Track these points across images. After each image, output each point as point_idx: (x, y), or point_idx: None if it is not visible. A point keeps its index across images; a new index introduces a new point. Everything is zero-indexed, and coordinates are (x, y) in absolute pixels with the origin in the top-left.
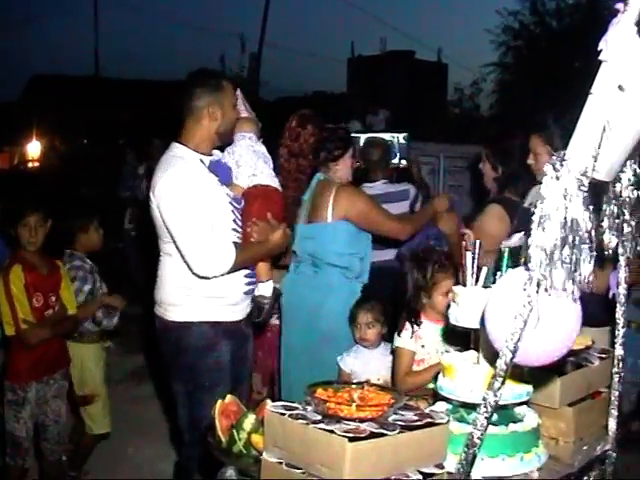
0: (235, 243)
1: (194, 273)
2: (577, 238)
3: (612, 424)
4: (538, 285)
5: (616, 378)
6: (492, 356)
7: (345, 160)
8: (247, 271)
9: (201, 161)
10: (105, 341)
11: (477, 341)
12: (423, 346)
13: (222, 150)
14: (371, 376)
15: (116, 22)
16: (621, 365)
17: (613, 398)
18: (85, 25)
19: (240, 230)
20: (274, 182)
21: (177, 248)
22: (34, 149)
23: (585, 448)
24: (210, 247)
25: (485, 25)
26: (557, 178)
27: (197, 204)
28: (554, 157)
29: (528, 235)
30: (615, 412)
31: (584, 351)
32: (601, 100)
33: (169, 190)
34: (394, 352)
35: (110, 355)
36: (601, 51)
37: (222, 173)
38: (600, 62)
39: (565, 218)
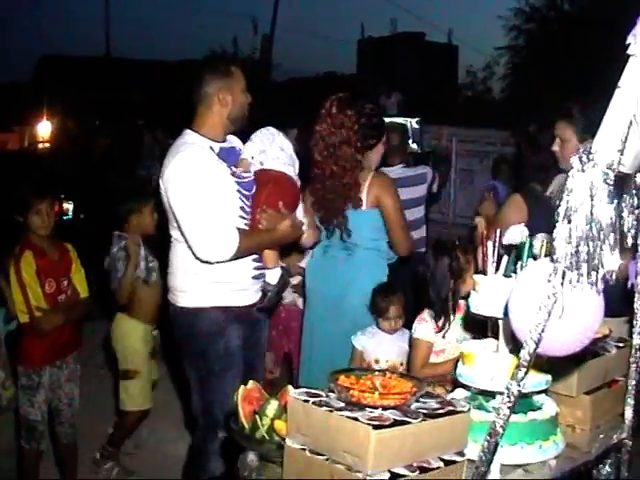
0: (240, 229)
1: (197, 258)
2: (602, 231)
3: (628, 413)
4: (563, 277)
5: (633, 367)
6: (513, 345)
7: (378, 148)
8: (255, 256)
9: (211, 148)
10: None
11: (497, 329)
12: (444, 336)
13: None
14: (380, 358)
15: (128, 2)
16: (638, 354)
17: (630, 387)
18: (96, 5)
19: (248, 217)
20: (289, 170)
21: (182, 233)
22: (44, 129)
23: (602, 436)
24: (213, 232)
25: (497, 6)
26: (583, 171)
27: (202, 190)
28: (580, 150)
29: (550, 224)
30: (631, 401)
31: (601, 340)
32: (629, 94)
33: (175, 175)
34: (412, 342)
35: None
36: (629, 45)
37: (232, 159)
38: (628, 56)
39: (591, 211)
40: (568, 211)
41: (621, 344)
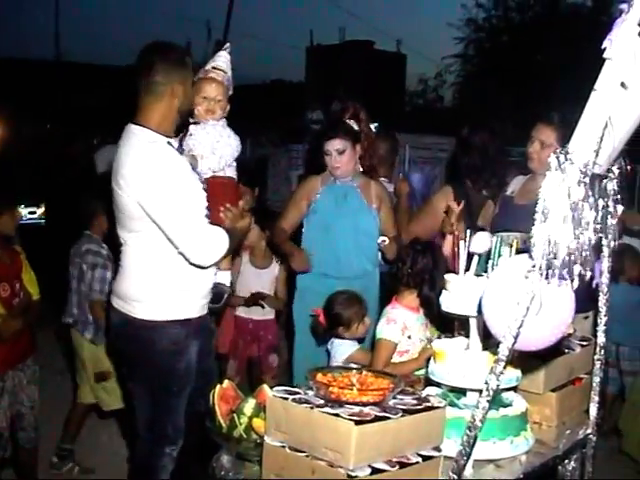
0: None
1: (191, 263)
2: (579, 229)
3: (593, 409)
4: (540, 274)
5: (597, 365)
6: (483, 342)
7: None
8: None
9: (169, 144)
10: None
11: (468, 328)
12: (409, 337)
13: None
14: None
15: (78, 5)
16: (602, 352)
17: (594, 384)
18: (46, 9)
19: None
20: (234, 173)
21: (169, 239)
22: None
23: (568, 432)
24: (206, 234)
25: (447, 15)
26: (561, 170)
27: (184, 191)
28: (557, 150)
29: (510, 223)
30: (596, 398)
31: (566, 338)
32: (604, 97)
33: (152, 178)
34: (377, 342)
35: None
36: (605, 49)
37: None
38: (604, 60)
39: (569, 209)
40: (545, 209)
41: (585, 342)
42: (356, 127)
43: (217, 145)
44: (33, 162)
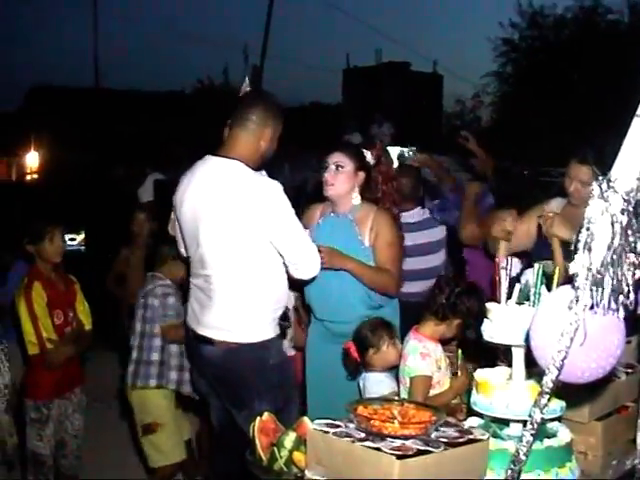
0: None
1: (299, 278)
2: (622, 258)
3: None
4: (584, 304)
5: None
6: (526, 372)
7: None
8: None
9: None
10: None
11: (510, 357)
12: (439, 368)
13: None
14: None
15: (117, 32)
16: None
17: None
18: (85, 36)
19: None
20: None
21: (286, 258)
22: (32, 160)
23: (614, 462)
24: (314, 248)
25: (484, 33)
26: (604, 199)
27: (293, 213)
28: (600, 178)
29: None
30: None
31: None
32: None
33: (276, 207)
34: (413, 379)
35: None
36: None
37: None
38: None
39: (611, 238)
40: (588, 238)
41: (630, 370)
42: (369, 157)
43: None
44: (73, 189)
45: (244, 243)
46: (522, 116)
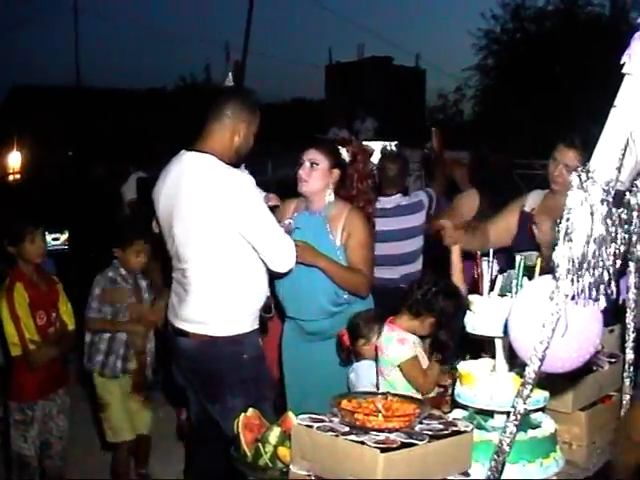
0: None
1: (275, 271)
2: (603, 248)
3: None
4: (565, 294)
5: (627, 382)
6: (510, 364)
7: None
8: None
9: None
10: None
11: (494, 349)
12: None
13: None
14: None
15: (98, 31)
16: (631, 369)
17: (624, 402)
18: (65, 35)
19: None
20: None
21: (259, 251)
22: (14, 160)
23: (598, 452)
24: (288, 242)
25: (465, 26)
26: (583, 189)
27: (265, 206)
28: (579, 169)
29: (530, 242)
30: None
31: (594, 355)
32: (625, 113)
33: (245, 200)
34: (404, 365)
35: None
36: (624, 64)
37: None
38: (622, 75)
39: (591, 228)
40: (568, 229)
41: (613, 359)
42: (345, 154)
43: None
44: (56, 188)
45: (217, 236)
46: (504, 109)
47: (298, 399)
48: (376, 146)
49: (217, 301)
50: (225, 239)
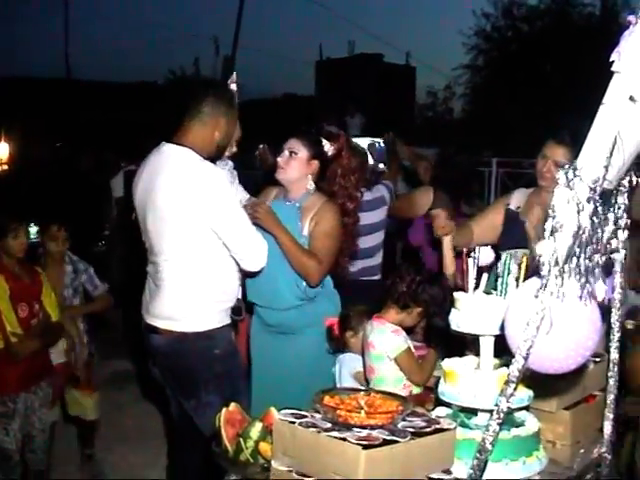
0: None
1: (245, 269)
2: (589, 246)
3: (607, 427)
4: (551, 293)
5: (611, 381)
6: (500, 362)
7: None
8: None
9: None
10: None
11: (478, 347)
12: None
13: None
14: None
15: (87, 22)
16: (616, 369)
17: (609, 401)
18: (55, 27)
19: None
20: None
21: (229, 247)
22: (2, 151)
23: (582, 451)
24: (260, 241)
25: (456, 25)
26: (570, 187)
27: (238, 203)
28: (565, 166)
29: (516, 240)
30: (611, 415)
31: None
32: (613, 111)
33: (215, 194)
34: (400, 357)
35: None
36: (613, 62)
37: None
38: (612, 73)
39: (577, 226)
40: (554, 226)
41: (597, 359)
42: (328, 148)
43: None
44: (45, 180)
45: (188, 230)
46: (494, 107)
47: (261, 391)
48: (364, 142)
49: (187, 296)
50: (196, 233)
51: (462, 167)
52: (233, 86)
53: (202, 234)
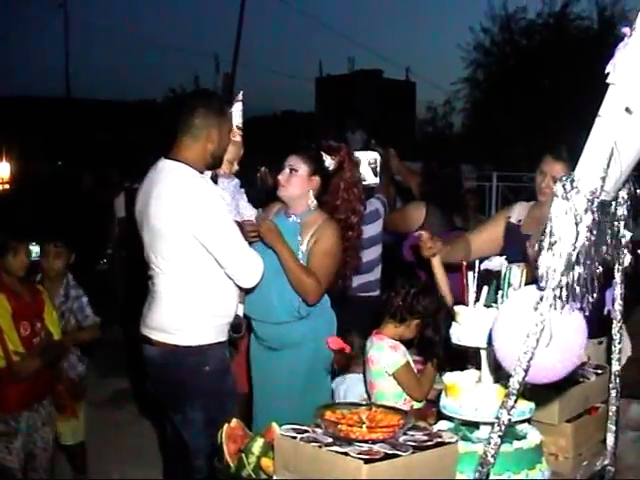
0: None
1: (239, 286)
2: (587, 257)
3: (610, 439)
4: (550, 304)
5: (613, 393)
6: (495, 375)
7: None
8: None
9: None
10: None
11: (479, 360)
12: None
13: None
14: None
15: (87, 41)
16: (617, 380)
17: (611, 413)
18: (55, 46)
19: None
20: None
21: (220, 264)
22: (3, 170)
23: (585, 463)
24: (252, 258)
25: (455, 40)
26: (567, 199)
27: (229, 219)
28: (563, 178)
29: (517, 253)
30: (613, 427)
31: (581, 367)
32: (609, 122)
33: (204, 210)
34: (399, 372)
35: (89, 378)
36: (608, 74)
37: None
38: (607, 85)
39: (575, 238)
40: (553, 238)
41: (599, 371)
42: (329, 163)
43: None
44: (44, 198)
45: (181, 245)
46: (493, 122)
47: (260, 407)
48: (364, 156)
49: (181, 310)
50: (189, 248)
51: (446, 180)
52: (239, 104)
53: (195, 249)
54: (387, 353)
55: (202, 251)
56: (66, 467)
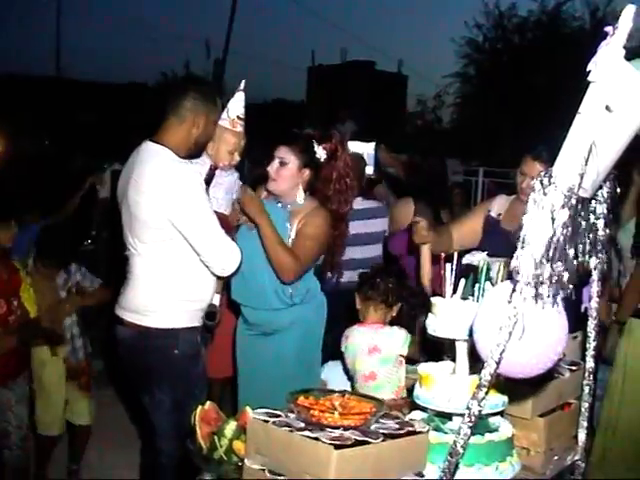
0: None
1: (214, 273)
2: (562, 253)
3: (582, 435)
4: (523, 298)
5: (586, 390)
6: (470, 367)
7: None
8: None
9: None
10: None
11: (454, 352)
12: None
13: None
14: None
15: (79, 23)
16: (591, 377)
17: (583, 410)
18: (46, 25)
19: None
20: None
21: (195, 250)
22: None
23: (556, 458)
24: (228, 245)
25: (448, 34)
26: (544, 194)
27: (207, 206)
28: (541, 174)
29: (496, 247)
30: (585, 423)
31: (555, 362)
32: (589, 120)
33: (181, 195)
34: (411, 345)
35: None
36: (589, 72)
37: None
38: (588, 83)
39: (552, 234)
40: (529, 232)
41: (574, 367)
42: (320, 154)
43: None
44: (31, 178)
45: (157, 228)
46: (483, 117)
47: (246, 392)
48: (365, 148)
49: (154, 292)
50: (165, 233)
51: (430, 172)
52: (241, 94)
53: (171, 234)
54: (397, 336)
55: (178, 237)
56: (60, 456)
